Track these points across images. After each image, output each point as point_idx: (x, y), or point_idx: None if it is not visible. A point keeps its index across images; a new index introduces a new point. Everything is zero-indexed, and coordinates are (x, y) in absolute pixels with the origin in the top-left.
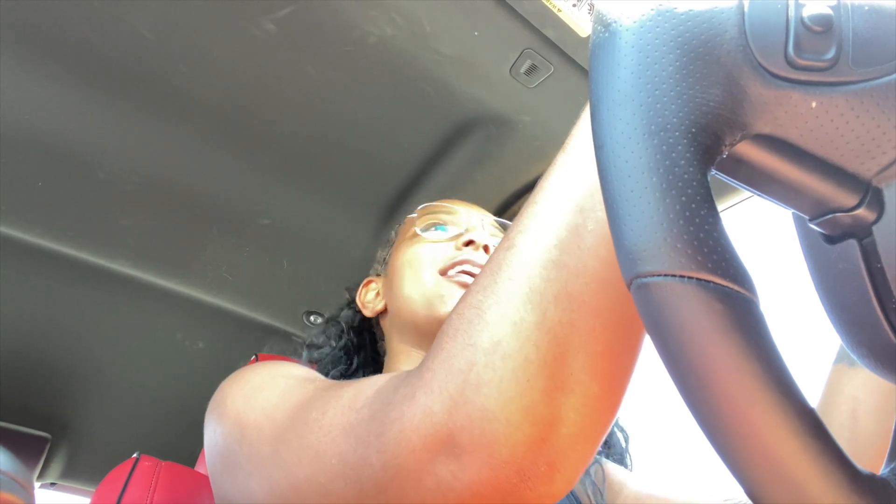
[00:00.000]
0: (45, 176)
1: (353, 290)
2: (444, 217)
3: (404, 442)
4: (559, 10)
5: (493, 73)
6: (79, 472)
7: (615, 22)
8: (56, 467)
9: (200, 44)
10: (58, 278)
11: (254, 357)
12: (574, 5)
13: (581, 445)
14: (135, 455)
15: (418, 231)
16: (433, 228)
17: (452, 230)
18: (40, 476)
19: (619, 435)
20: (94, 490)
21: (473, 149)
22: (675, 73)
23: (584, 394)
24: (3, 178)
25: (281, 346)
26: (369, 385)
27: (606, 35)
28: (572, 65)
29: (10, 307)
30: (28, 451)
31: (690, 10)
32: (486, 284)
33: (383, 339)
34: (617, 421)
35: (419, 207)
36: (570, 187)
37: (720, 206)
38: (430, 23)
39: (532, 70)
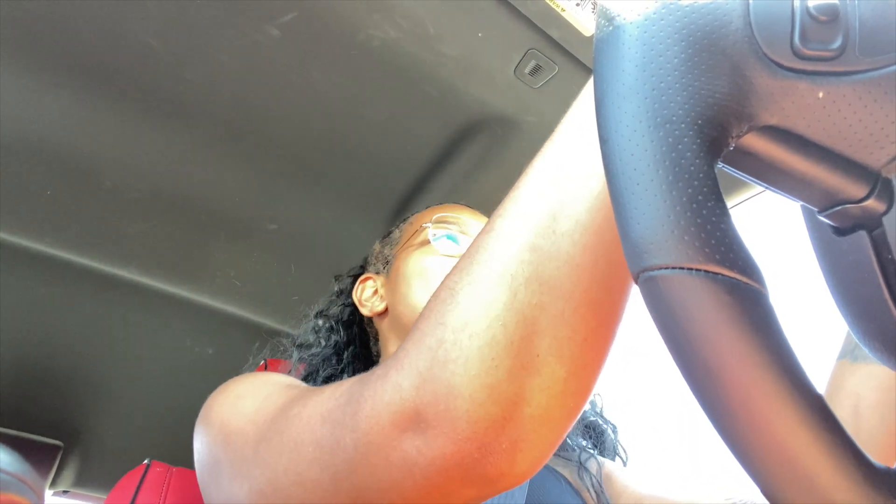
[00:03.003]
0: (53, 185)
1: (342, 279)
2: (455, 229)
3: (374, 418)
4: (563, 10)
5: (497, 73)
6: (91, 479)
7: (619, 16)
8: (68, 475)
9: (205, 50)
10: (68, 287)
11: (263, 362)
12: (577, 4)
13: (546, 427)
14: (146, 461)
15: (431, 241)
16: (445, 239)
17: (465, 245)
18: (53, 484)
19: (607, 428)
20: (105, 497)
21: (479, 150)
22: (681, 66)
23: (551, 376)
24: (12, 188)
25: (290, 350)
26: (350, 378)
27: (610, 29)
28: (577, 64)
29: (21, 317)
30: (41, 458)
31: (695, 3)
32: (463, 267)
33: (377, 340)
34: (601, 413)
35: (429, 209)
36: (551, 174)
37: (730, 202)
38: (433, 25)
39: (536, 70)
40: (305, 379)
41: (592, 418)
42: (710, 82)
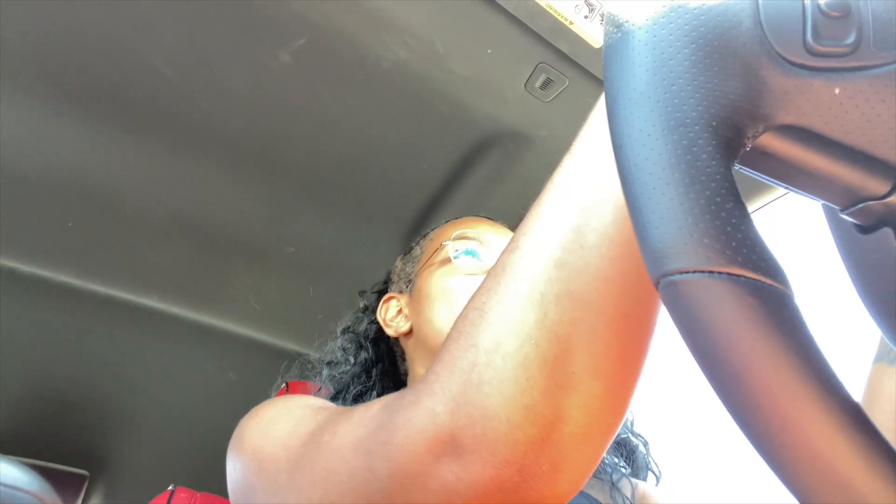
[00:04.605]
0: (74, 216)
1: (367, 294)
2: (475, 244)
3: (409, 446)
4: (571, 23)
5: (507, 89)
6: None
7: (627, 22)
8: (95, 503)
9: (219, 78)
10: (89, 316)
11: (283, 385)
12: (585, 17)
13: (586, 446)
14: (171, 487)
15: (452, 259)
16: (465, 254)
17: (486, 259)
18: None
19: (639, 444)
20: None
21: (492, 166)
22: (692, 68)
23: (587, 393)
24: (34, 220)
25: (311, 372)
26: (378, 401)
27: (619, 35)
28: (587, 77)
29: (44, 347)
30: (67, 488)
31: (703, 5)
32: (490, 286)
33: (404, 359)
34: (632, 428)
35: (448, 224)
36: (573, 187)
37: (751, 207)
38: (442, 44)
39: (547, 84)
40: (335, 397)
41: (624, 435)
42: (723, 83)
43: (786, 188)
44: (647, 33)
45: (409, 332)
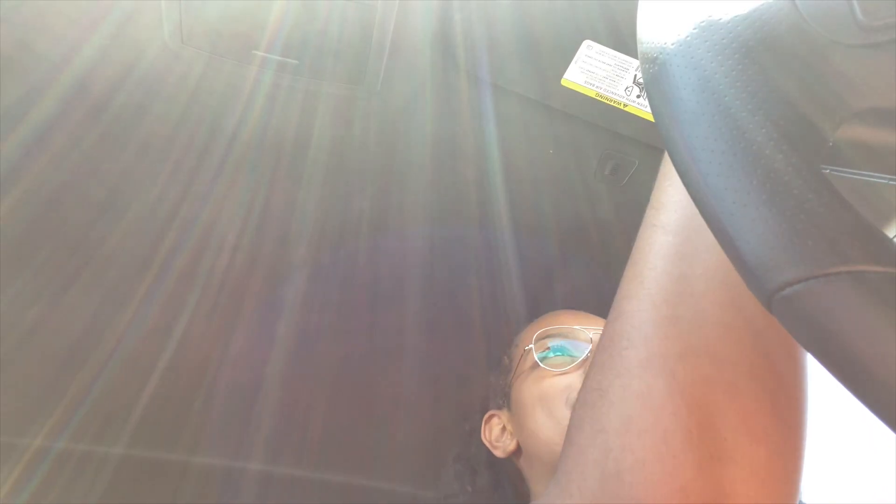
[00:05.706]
0: None
1: (472, 417)
2: (560, 340)
3: None
4: (624, 106)
5: (578, 183)
6: None
7: (661, 52)
8: None
9: None
10: None
11: None
12: (638, 96)
13: None
14: None
15: (538, 361)
16: (552, 354)
17: (576, 349)
18: None
19: None
20: None
21: (582, 261)
22: (739, 78)
23: (748, 459)
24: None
25: None
26: None
27: (656, 68)
28: (655, 152)
29: None
30: None
31: (735, 16)
32: (602, 362)
33: (523, 480)
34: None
35: (529, 327)
36: (664, 237)
37: None
38: (507, 155)
39: (617, 169)
40: None
41: None
42: (778, 85)
43: (885, 181)
44: (683, 57)
45: (518, 450)
